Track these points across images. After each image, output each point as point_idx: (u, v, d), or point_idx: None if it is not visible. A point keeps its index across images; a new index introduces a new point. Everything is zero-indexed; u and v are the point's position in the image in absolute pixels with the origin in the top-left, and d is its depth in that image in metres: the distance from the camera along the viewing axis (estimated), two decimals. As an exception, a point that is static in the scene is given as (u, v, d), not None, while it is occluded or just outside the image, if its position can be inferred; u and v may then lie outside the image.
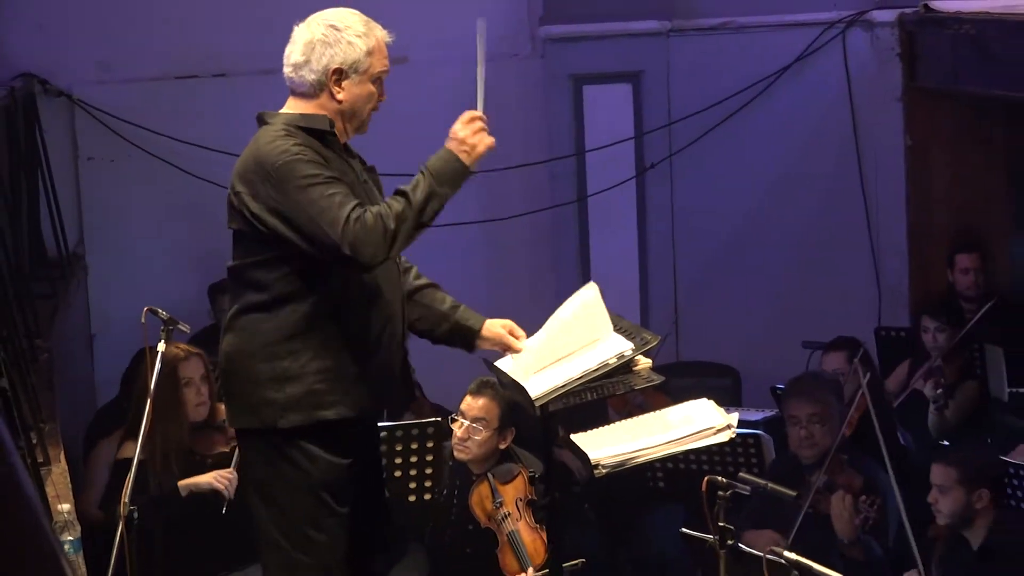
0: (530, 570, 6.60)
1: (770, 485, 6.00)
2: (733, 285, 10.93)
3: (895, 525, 7.09)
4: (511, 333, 5.33)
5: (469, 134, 5.05)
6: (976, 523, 6.58)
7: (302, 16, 9.52)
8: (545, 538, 6.40)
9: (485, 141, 5.05)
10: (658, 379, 5.56)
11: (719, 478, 5.51)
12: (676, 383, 8.28)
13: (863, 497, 6.89)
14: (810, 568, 5.16)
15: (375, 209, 4.80)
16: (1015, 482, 7.02)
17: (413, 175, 5.19)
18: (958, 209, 10.72)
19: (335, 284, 4.93)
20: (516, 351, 5.29)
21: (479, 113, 5.14)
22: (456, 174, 5.00)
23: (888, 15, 10.72)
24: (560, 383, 5.35)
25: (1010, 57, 9.65)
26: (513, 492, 6.87)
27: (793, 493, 6.19)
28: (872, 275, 10.91)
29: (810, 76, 10.83)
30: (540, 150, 10.77)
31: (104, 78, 10.27)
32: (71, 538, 5.13)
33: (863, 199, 10.85)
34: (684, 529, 6.11)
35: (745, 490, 5.94)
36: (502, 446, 7.03)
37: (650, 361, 5.48)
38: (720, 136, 10.73)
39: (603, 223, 10.85)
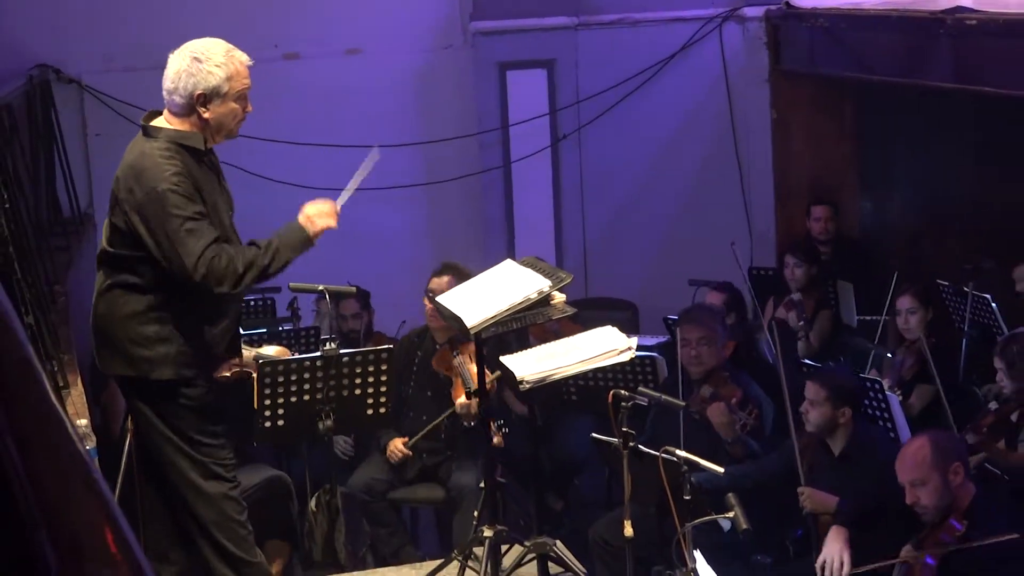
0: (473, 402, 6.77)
1: (664, 397, 6.02)
2: (632, 233, 10.96)
3: (769, 430, 7.14)
4: None
5: (316, 215, 5.15)
6: (837, 433, 6.61)
7: (292, 7, 9.44)
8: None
9: (328, 223, 5.17)
10: (571, 311, 5.58)
11: (622, 391, 5.51)
12: (585, 315, 8.26)
13: (746, 410, 6.92)
14: (697, 463, 5.18)
15: (231, 251, 4.94)
16: (870, 397, 7.08)
17: (370, 148, 5.27)
18: (814, 170, 10.78)
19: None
20: None
21: (335, 205, 5.23)
22: (299, 242, 5.11)
23: (757, 11, 10.75)
24: (491, 314, 5.37)
25: (857, 45, 9.70)
26: (465, 348, 7.03)
27: (682, 403, 6.22)
28: (745, 224, 10.96)
29: (693, 62, 10.83)
30: (471, 125, 10.75)
31: (109, 67, 10.20)
32: (89, 447, 5.10)
33: (737, 162, 10.90)
34: (594, 434, 6.11)
35: (643, 401, 5.96)
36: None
37: (564, 296, 5.51)
38: (620, 112, 10.74)
39: (524, 185, 10.85)
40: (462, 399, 6.94)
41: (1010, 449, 6.97)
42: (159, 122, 5.06)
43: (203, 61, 4.98)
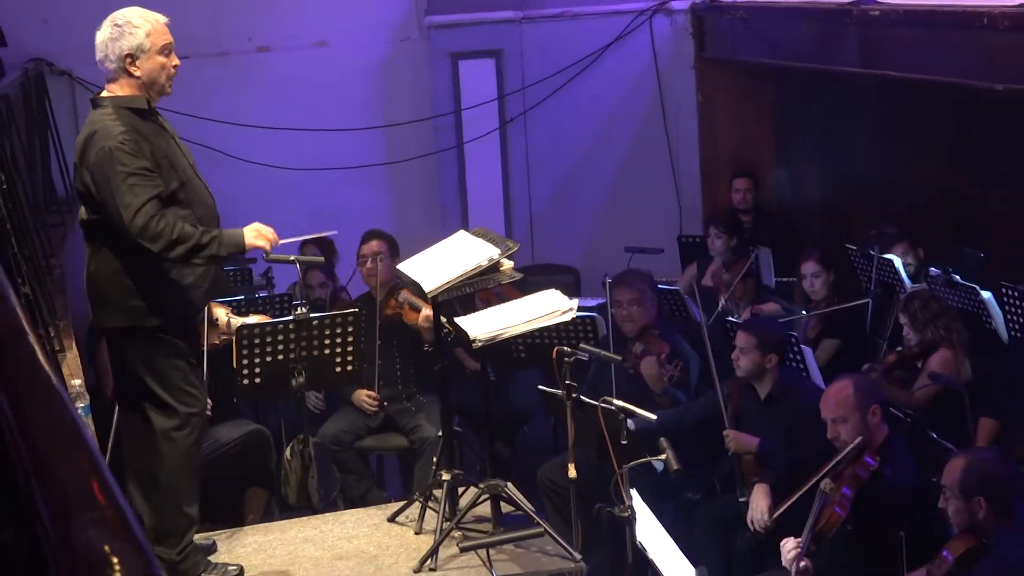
0: (423, 309, 6.92)
1: (602, 352, 6.03)
2: (573, 206, 10.95)
3: (695, 381, 7.16)
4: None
5: (256, 235, 5.14)
6: (765, 378, 6.63)
7: (264, 4, 9.23)
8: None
9: (260, 244, 5.14)
10: (518, 276, 5.58)
11: (565, 348, 5.52)
12: (532, 279, 8.29)
13: (673, 363, 6.93)
14: (632, 411, 5.19)
15: (172, 219, 4.91)
16: (793, 346, 7.11)
17: (338, 132, 5.26)
18: (736, 147, 10.80)
19: None
20: None
21: (275, 239, 5.23)
22: (234, 245, 5.09)
23: (683, 4, 10.78)
24: (446, 280, 5.36)
25: (773, 35, 9.72)
26: (406, 292, 7.23)
27: (618, 357, 6.23)
28: (674, 196, 10.98)
29: (627, 51, 10.83)
30: (427, 109, 10.72)
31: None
32: (82, 405, 5.05)
33: (667, 140, 10.91)
34: (540, 387, 6.12)
35: (584, 356, 5.97)
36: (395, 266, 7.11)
37: (512, 263, 5.51)
38: (562, 96, 10.73)
39: (476, 163, 10.83)
40: (423, 316, 7.07)
41: (906, 390, 7.05)
42: (103, 94, 5.07)
43: (123, 25, 5.00)
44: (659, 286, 7.75)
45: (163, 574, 1.33)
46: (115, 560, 1.32)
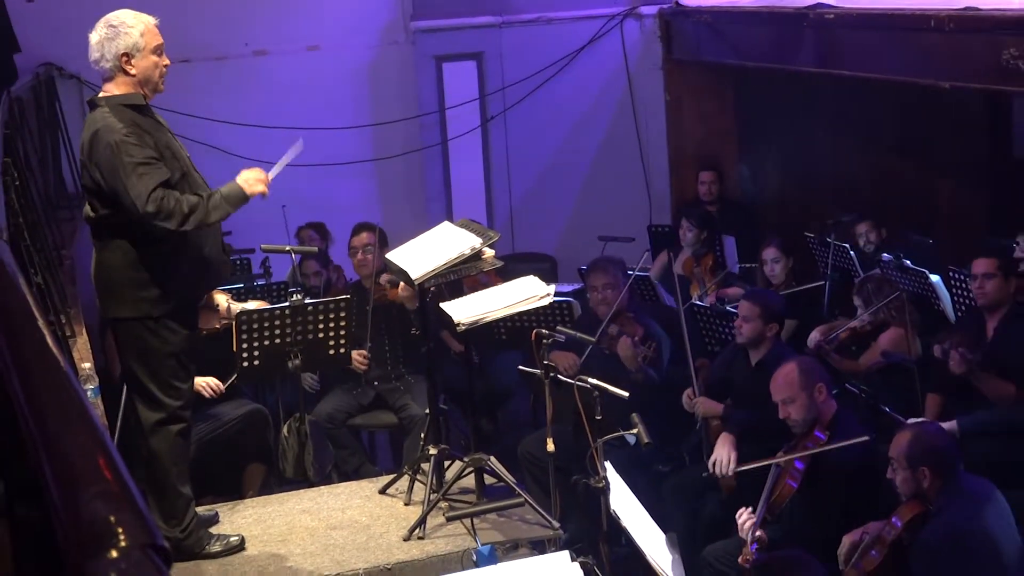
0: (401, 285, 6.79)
1: (578, 334, 6.02)
2: (550, 198, 10.95)
3: (666, 360, 7.17)
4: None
5: (253, 180, 5.07)
6: (761, 346, 6.62)
7: (260, 11, 9.15)
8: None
9: (259, 189, 5.07)
10: (499, 264, 5.57)
11: (543, 330, 5.52)
12: (512, 267, 8.26)
13: (646, 343, 6.94)
14: (606, 389, 5.19)
15: (178, 195, 4.85)
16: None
17: (330, 130, 5.22)
18: (701, 142, 10.81)
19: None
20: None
21: (267, 175, 5.15)
22: (237, 200, 5.02)
23: (652, 9, 10.76)
24: (432, 268, 5.35)
25: (735, 37, 9.72)
26: (385, 274, 7.27)
27: (593, 339, 6.23)
28: (644, 188, 10.99)
29: (599, 53, 10.83)
30: (413, 108, 10.70)
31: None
32: (91, 387, 5.04)
33: (637, 136, 10.91)
34: (520, 367, 6.12)
35: (561, 338, 5.97)
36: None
37: (493, 251, 5.50)
38: (539, 96, 10.72)
39: (459, 158, 10.83)
40: (401, 287, 7.00)
41: (853, 360, 7.08)
42: (100, 94, 5.02)
43: (117, 25, 4.95)
44: (632, 272, 7.75)
45: (165, 543, 1.32)
46: (120, 530, 1.32)
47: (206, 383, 6.75)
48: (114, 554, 1.29)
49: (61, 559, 1.39)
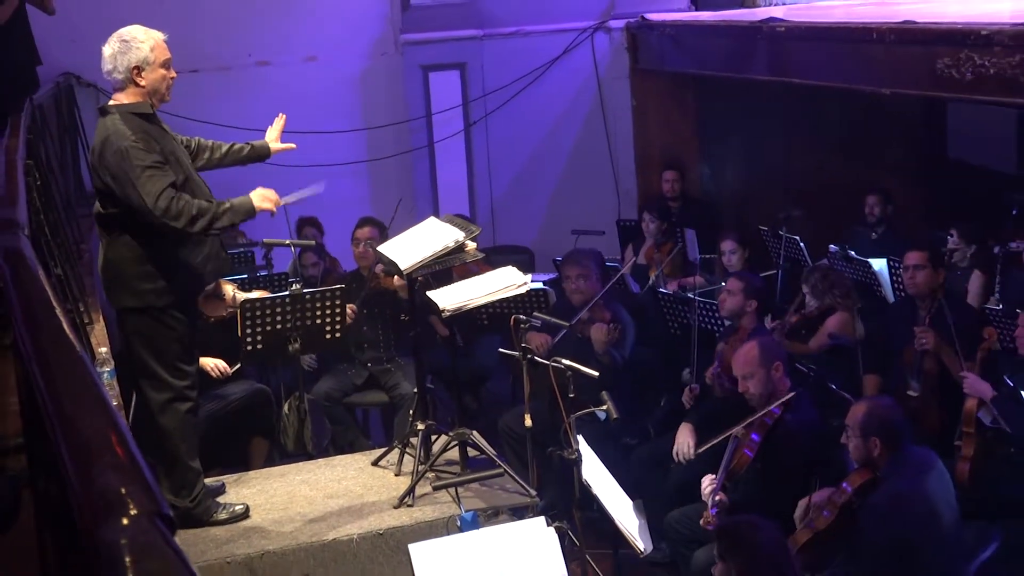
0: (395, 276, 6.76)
1: (553, 319, 6.03)
2: (527, 195, 10.94)
3: (631, 343, 7.17)
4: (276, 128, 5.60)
5: (261, 199, 5.07)
6: (742, 320, 6.61)
7: (262, 25, 9.08)
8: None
9: (267, 207, 5.08)
10: (480, 255, 5.56)
11: (521, 316, 5.52)
12: (493, 258, 8.26)
13: (611, 325, 6.94)
14: (578, 369, 5.19)
15: (188, 198, 4.84)
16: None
17: (327, 134, 5.19)
18: (665, 144, 10.80)
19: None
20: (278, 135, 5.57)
21: (278, 199, 5.16)
22: (244, 213, 5.02)
23: (619, 24, 10.73)
24: (419, 259, 5.35)
25: (695, 48, 9.71)
26: (381, 265, 7.09)
27: (566, 324, 6.23)
28: (613, 186, 10.99)
29: (572, 63, 10.81)
30: (402, 114, 10.67)
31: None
32: (107, 369, 5.01)
33: (606, 138, 10.91)
34: (501, 349, 6.12)
35: (536, 323, 5.99)
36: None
37: (475, 244, 5.49)
38: (517, 102, 10.71)
39: (445, 160, 10.80)
40: (396, 282, 7.05)
41: (803, 344, 7.10)
42: (111, 103, 4.99)
43: (130, 40, 4.92)
44: (605, 263, 7.76)
45: (170, 512, 1.32)
46: (129, 500, 1.32)
47: (214, 364, 6.74)
48: (124, 521, 1.29)
49: (76, 526, 1.39)
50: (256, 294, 6.72)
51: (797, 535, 5.04)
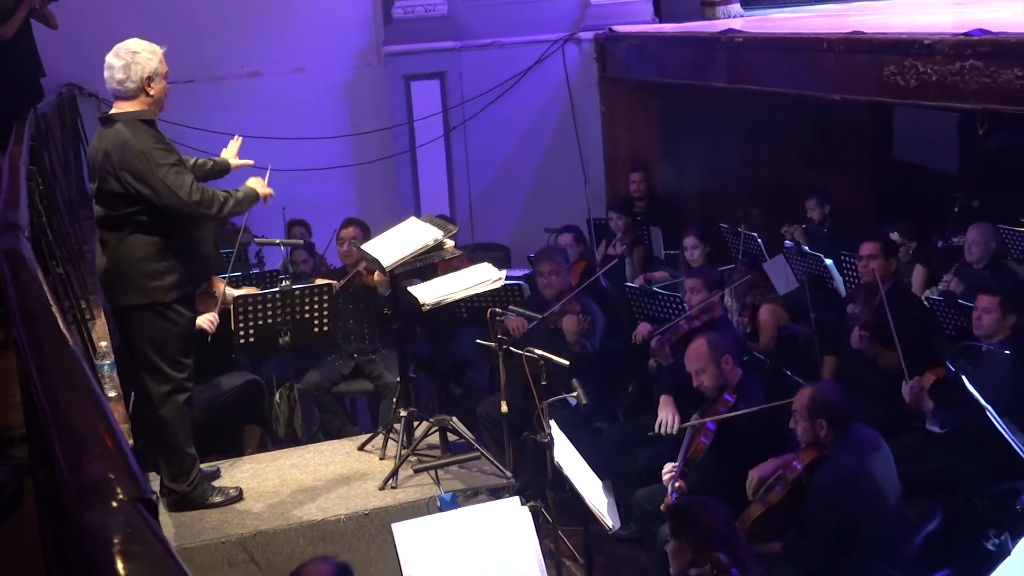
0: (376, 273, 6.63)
1: (526, 312, 6.03)
2: (503, 196, 10.92)
3: (600, 334, 7.16)
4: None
5: (260, 186, 5.20)
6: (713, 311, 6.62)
7: (253, 38, 9.01)
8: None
9: (267, 191, 5.23)
10: (458, 253, 5.57)
11: (497, 309, 5.52)
12: (472, 256, 8.27)
13: (581, 317, 6.93)
14: (551, 358, 5.20)
15: (213, 189, 4.96)
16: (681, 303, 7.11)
17: (314, 139, 5.19)
18: (632, 147, 10.81)
19: (177, 222, 4.92)
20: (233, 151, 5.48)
21: (270, 191, 5.26)
22: (251, 200, 5.15)
23: (589, 35, 10.73)
24: (400, 256, 5.34)
25: (660, 58, 9.72)
26: (364, 263, 6.98)
27: (539, 316, 6.23)
28: (583, 187, 10.98)
29: (544, 72, 10.79)
30: (386, 120, 10.64)
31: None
32: (108, 362, 4.99)
33: (577, 142, 10.88)
34: (478, 341, 6.12)
35: (512, 316, 5.98)
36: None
37: (453, 243, 5.49)
38: (493, 109, 10.68)
39: (426, 163, 10.78)
40: (376, 275, 6.93)
41: (756, 343, 7.11)
42: (115, 111, 4.94)
43: (139, 53, 4.90)
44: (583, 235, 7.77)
45: (154, 496, 1.32)
46: (117, 487, 1.31)
47: (207, 319, 6.69)
48: (113, 504, 1.29)
49: (65, 511, 1.38)
50: (245, 291, 6.69)
51: (751, 509, 5.05)
